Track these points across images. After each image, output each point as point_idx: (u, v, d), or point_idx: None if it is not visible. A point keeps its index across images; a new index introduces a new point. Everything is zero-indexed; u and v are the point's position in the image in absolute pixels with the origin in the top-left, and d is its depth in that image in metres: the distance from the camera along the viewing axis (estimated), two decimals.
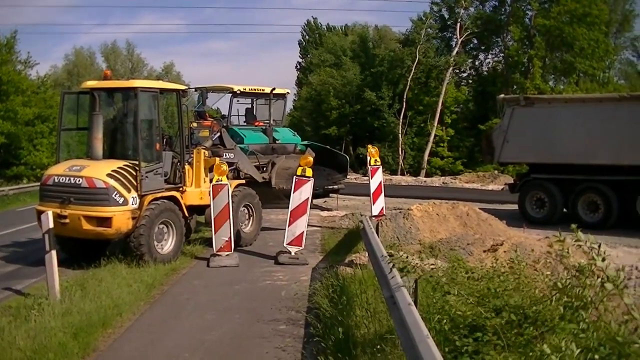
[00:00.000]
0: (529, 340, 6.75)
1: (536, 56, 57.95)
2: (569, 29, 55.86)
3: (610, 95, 27.81)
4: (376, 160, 20.41)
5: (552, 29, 56.76)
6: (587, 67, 58.31)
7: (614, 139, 21.55)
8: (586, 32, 56.05)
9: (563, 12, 55.95)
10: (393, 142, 61.15)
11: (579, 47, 56.72)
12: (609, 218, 21.91)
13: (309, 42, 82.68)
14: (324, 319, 10.59)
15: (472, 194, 32.46)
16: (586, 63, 57.90)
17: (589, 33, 56.29)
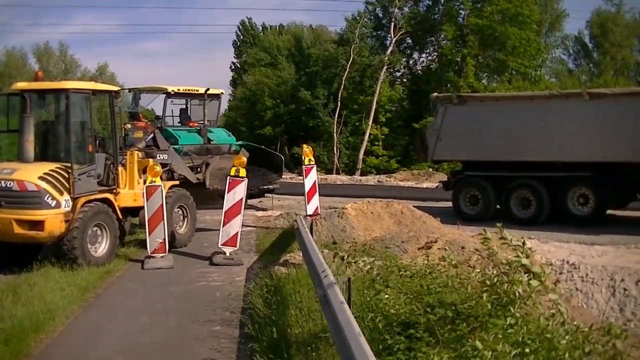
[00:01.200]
0: (462, 336, 6.84)
1: (469, 55, 58.59)
2: (501, 28, 56.65)
3: (541, 93, 28.22)
4: (310, 160, 20.48)
5: (485, 28, 57.45)
6: (519, 65, 59.26)
7: (545, 136, 21.89)
8: (518, 32, 56.89)
9: (495, 12, 56.70)
10: (328, 142, 61.25)
11: (511, 46, 57.55)
12: (541, 214, 22.25)
13: (243, 42, 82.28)
14: (258, 319, 10.60)
15: (407, 192, 32.64)
16: (518, 62, 58.84)
17: (520, 32, 57.15)
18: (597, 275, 16.18)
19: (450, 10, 61.17)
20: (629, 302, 15.37)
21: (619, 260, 17.13)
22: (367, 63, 61.07)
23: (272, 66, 67.30)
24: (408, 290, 8.26)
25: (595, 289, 15.96)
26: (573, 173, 21.75)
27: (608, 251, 18.38)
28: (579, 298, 15.80)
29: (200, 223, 20.68)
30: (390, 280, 8.67)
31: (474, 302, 7.36)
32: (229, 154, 22.46)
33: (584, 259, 17.30)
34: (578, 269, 16.51)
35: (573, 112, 21.65)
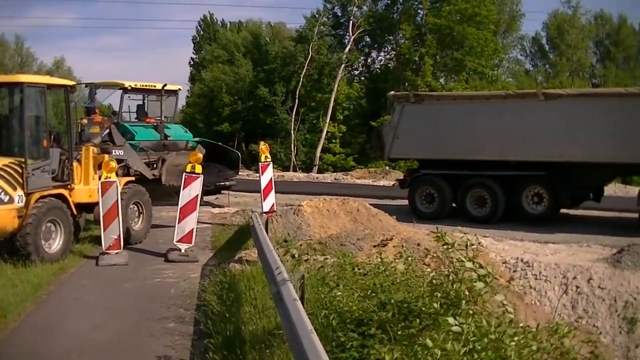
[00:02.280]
0: (414, 333, 6.89)
1: (427, 54, 59.00)
2: (459, 28, 57.17)
3: (497, 92, 28.50)
4: (267, 157, 20.46)
5: (443, 28, 57.92)
6: (477, 65, 59.85)
7: (500, 136, 22.06)
8: (475, 32, 57.45)
9: (453, 12, 57.19)
10: (285, 139, 61.25)
11: (468, 45, 58.10)
12: (496, 212, 22.40)
13: (203, 38, 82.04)
14: (212, 316, 10.59)
15: (364, 189, 32.75)
16: (475, 61, 59.43)
17: (478, 32, 57.71)
18: (550, 273, 16.38)
19: (408, 9, 61.47)
20: (580, 300, 15.58)
21: (571, 259, 17.35)
22: (326, 61, 61.09)
23: (230, 63, 67.12)
24: (361, 287, 8.30)
25: (548, 286, 16.16)
26: (528, 172, 21.96)
27: (561, 249, 18.60)
28: (533, 295, 15.98)
29: (156, 219, 20.59)
30: (344, 278, 8.71)
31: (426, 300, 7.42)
32: (186, 150, 22.40)
33: (538, 257, 17.50)
34: (532, 267, 16.70)
35: (528, 112, 21.85)
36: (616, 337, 14.57)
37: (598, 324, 15.00)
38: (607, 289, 15.65)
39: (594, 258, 17.09)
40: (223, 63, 67.47)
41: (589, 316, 15.22)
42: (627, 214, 22.67)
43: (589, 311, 15.33)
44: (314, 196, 21.76)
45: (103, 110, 24.00)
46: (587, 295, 15.64)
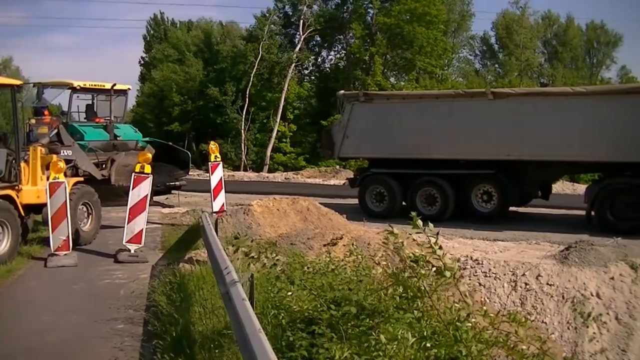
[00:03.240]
0: (366, 331, 6.91)
1: (377, 53, 59.27)
2: (409, 27, 57.53)
3: (446, 91, 28.70)
4: (216, 157, 20.41)
5: (393, 27, 58.26)
6: (426, 64, 60.36)
7: (450, 134, 22.23)
8: (425, 31, 57.87)
9: (403, 11, 57.58)
10: (236, 138, 61.15)
11: (418, 45, 58.50)
12: (446, 211, 22.57)
13: (153, 37, 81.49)
14: (162, 317, 10.52)
15: (314, 189, 32.79)
16: (425, 61, 59.87)
17: (427, 32, 58.11)
18: (499, 271, 16.50)
19: (358, 9, 61.72)
20: (529, 296, 15.73)
21: (520, 256, 17.52)
22: (276, 60, 61.04)
23: (180, 62, 66.82)
24: (311, 286, 8.31)
25: (497, 283, 16.28)
26: (477, 171, 22.16)
27: (510, 247, 18.79)
28: (482, 293, 16.08)
29: (106, 220, 20.40)
30: (294, 277, 8.71)
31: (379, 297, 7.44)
32: (136, 150, 22.20)
33: (487, 254, 17.64)
34: (481, 265, 16.81)
35: (477, 111, 22.06)
36: (564, 332, 14.72)
37: (546, 320, 15.15)
38: (555, 286, 15.82)
39: (542, 255, 17.28)
40: (173, 62, 67.18)
41: (538, 312, 15.37)
42: (575, 212, 22.98)
43: (537, 307, 15.48)
44: (265, 195, 21.71)
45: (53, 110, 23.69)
46: (535, 291, 15.79)
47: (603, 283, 15.94)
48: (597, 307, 15.44)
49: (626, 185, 20.23)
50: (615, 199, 20.27)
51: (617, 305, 15.49)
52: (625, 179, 20.35)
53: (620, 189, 20.31)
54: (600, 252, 16.76)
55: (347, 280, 8.33)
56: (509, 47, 79.86)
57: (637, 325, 14.81)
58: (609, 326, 15.17)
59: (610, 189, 20.45)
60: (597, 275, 16.05)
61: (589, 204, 20.79)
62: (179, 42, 70.67)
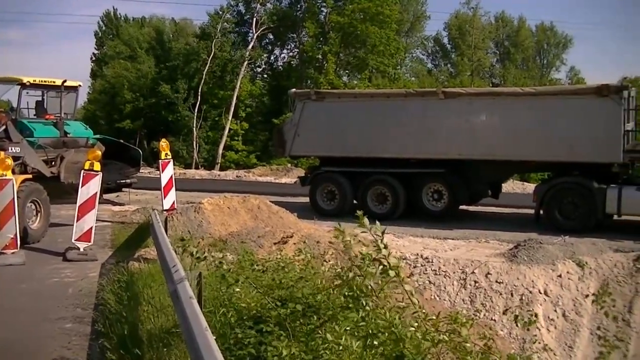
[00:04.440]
0: (313, 329, 6.92)
1: (330, 52, 59.25)
2: (362, 26, 57.57)
3: (398, 91, 28.86)
4: (167, 154, 20.34)
5: (346, 26, 58.26)
6: (379, 63, 60.45)
7: (401, 133, 22.33)
8: (378, 30, 58.01)
9: (357, 10, 57.57)
10: (188, 136, 60.83)
11: (371, 44, 58.64)
12: (397, 209, 22.68)
13: (105, 33, 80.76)
14: (110, 316, 10.45)
15: (266, 187, 32.76)
16: (378, 60, 60.02)
17: (380, 31, 58.25)
18: (449, 269, 16.69)
19: (312, 7, 61.68)
20: (479, 294, 15.93)
21: (470, 254, 17.75)
22: (228, 58, 60.86)
23: (132, 59, 66.34)
24: (260, 284, 8.30)
25: (447, 281, 16.45)
26: (428, 170, 22.27)
27: (460, 245, 19.00)
28: (432, 291, 16.23)
29: (55, 218, 20.18)
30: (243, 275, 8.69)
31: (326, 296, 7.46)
32: (86, 147, 21.99)
33: (437, 252, 17.83)
34: (431, 263, 16.97)
35: (428, 111, 22.22)
36: (512, 329, 14.91)
37: (495, 317, 15.34)
38: (504, 283, 16.03)
39: (491, 253, 17.52)
40: (125, 59, 66.60)
41: (487, 310, 15.57)
42: (524, 210, 23.25)
43: (486, 305, 15.67)
44: (216, 194, 21.71)
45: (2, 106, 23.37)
46: (485, 289, 15.99)
47: (551, 281, 16.20)
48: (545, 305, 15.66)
49: (574, 184, 20.53)
50: (564, 198, 20.58)
51: (564, 303, 15.75)
52: (573, 178, 20.64)
53: (568, 188, 20.62)
54: (548, 250, 17.02)
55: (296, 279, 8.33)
56: (461, 47, 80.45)
57: (583, 322, 15.05)
58: (557, 323, 15.41)
59: (559, 188, 20.75)
60: (545, 273, 16.31)
61: (537, 202, 21.07)
62: (131, 38, 70.03)
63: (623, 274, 16.46)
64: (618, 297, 15.70)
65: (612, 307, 14.55)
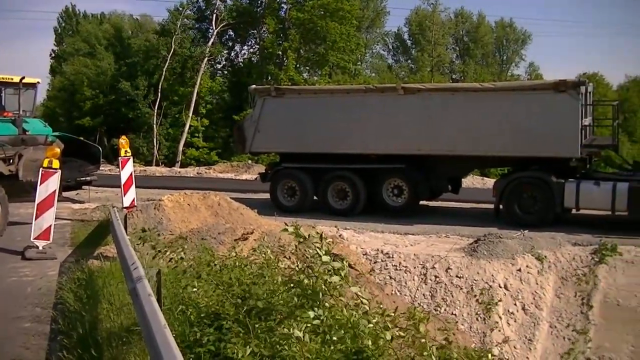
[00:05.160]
0: (272, 326, 6.94)
1: (290, 48, 59.36)
2: (322, 22, 57.75)
3: (358, 86, 28.85)
4: (127, 151, 20.22)
5: (306, 22, 58.40)
6: (339, 59, 60.57)
7: (361, 129, 22.39)
8: (338, 26, 58.17)
9: (317, 6, 57.74)
10: (148, 133, 60.57)
11: (331, 40, 58.72)
12: (357, 205, 22.72)
13: (64, 29, 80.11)
14: (69, 315, 10.37)
15: (226, 183, 32.62)
16: (338, 56, 60.14)
17: (341, 27, 58.38)
18: (409, 264, 16.77)
19: (272, 3, 61.79)
20: (439, 289, 16.02)
21: (430, 249, 17.83)
22: (189, 54, 60.69)
23: (91, 56, 65.87)
24: (219, 281, 8.30)
25: (408, 276, 16.53)
26: (388, 165, 22.36)
27: (420, 240, 19.10)
28: (393, 286, 16.31)
29: (14, 216, 19.96)
30: (202, 272, 8.68)
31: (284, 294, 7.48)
32: (45, 145, 21.79)
33: (398, 248, 17.91)
34: (392, 258, 17.06)
35: (388, 106, 22.28)
36: (473, 323, 15.02)
37: (456, 311, 15.45)
38: (464, 278, 16.15)
39: (452, 248, 17.61)
40: (84, 56, 66.14)
41: (447, 304, 15.67)
42: (484, 205, 23.39)
43: (447, 300, 15.78)
44: (176, 191, 21.59)
45: None
46: (445, 284, 16.09)
47: (510, 275, 16.33)
48: (505, 299, 15.79)
49: (533, 179, 20.71)
50: (523, 192, 20.76)
51: (524, 296, 15.89)
52: (532, 173, 20.83)
53: (527, 182, 20.80)
54: (508, 245, 17.15)
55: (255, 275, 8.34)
56: (421, 43, 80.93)
57: (542, 316, 15.19)
58: (516, 316, 15.53)
59: (518, 183, 20.93)
60: (505, 267, 16.44)
61: (497, 197, 21.23)
62: (90, 35, 69.55)
63: (581, 267, 16.65)
64: (577, 290, 15.90)
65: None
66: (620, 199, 19.55)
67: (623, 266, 16.53)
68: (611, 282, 16.13)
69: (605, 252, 16.84)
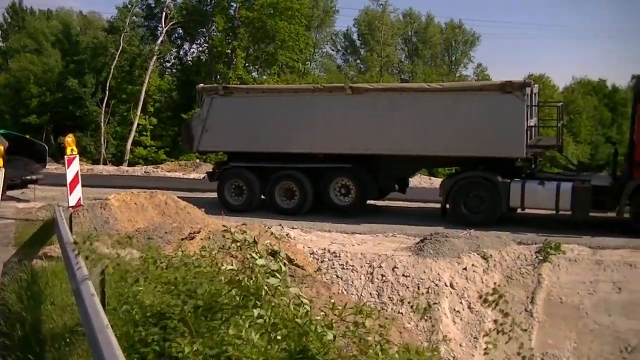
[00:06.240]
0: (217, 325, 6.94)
1: (239, 47, 59.26)
2: (271, 21, 57.74)
3: (305, 86, 28.82)
4: (73, 150, 20.01)
5: (256, 21, 58.33)
6: (288, 59, 60.61)
7: (308, 129, 22.35)
8: (287, 25, 58.18)
9: (266, 5, 57.70)
10: (95, 131, 59.99)
11: (280, 39, 58.74)
12: (304, 204, 22.69)
13: (10, 25, 79.14)
14: (11, 315, 10.26)
15: (174, 182, 32.45)
16: (287, 55, 60.16)
17: (290, 26, 58.41)
18: (356, 263, 16.85)
19: (221, 2, 61.51)
20: (386, 288, 16.11)
21: (377, 248, 17.92)
22: (137, 52, 60.30)
23: (38, 53, 65.17)
24: (164, 281, 8.27)
25: (354, 275, 16.60)
26: (335, 164, 22.38)
27: (367, 239, 19.17)
28: (340, 285, 16.37)
29: None
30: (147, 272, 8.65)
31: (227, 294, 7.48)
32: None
33: (345, 247, 17.97)
34: (339, 257, 17.11)
35: (336, 106, 22.25)
36: (419, 322, 15.12)
37: (402, 310, 15.53)
38: (410, 277, 16.26)
39: (398, 247, 17.68)
40: (31, 52, 65.42)
41: (394, 303, 15.77)
42: (431, 204, 23.50)
43: (393, 298, 15.87)
44: (123, 190, 21.45)
45: None
46: (392, 283, 16.19)
47: (456, 273, 16.48)
48: (451, 297, 15.93)
49: (479, 178, 20.90)
50: (469, 192, 20.93)
51: (470, 295, 16.03)
52: (478, 172, 21.02)
53: (474, 182, 20.98)
54: (454, 244, 17.31)
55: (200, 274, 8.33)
56: (370, 43, 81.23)
57: (488, 314, 15.34)
58: (462, 315, 15.69)
59: (464, 183, 21.09)
60: (451, 266, 16.59)
61: (444, 197, 21.38)
62: (37, 31, 68.83)
63: (526, 266, 16.87)
64: (521, 288, 16.11)
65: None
66: (564, 198, 19.82)
67: (566, 264, 16.79)
68: (555, 280, 16.37)
69: (549, 251, 17.10)
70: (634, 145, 19.87)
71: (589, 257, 17.15)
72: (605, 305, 15.55)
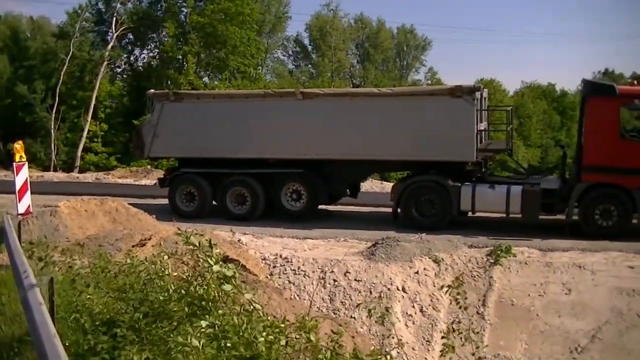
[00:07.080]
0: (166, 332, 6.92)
1: (190, 52, 58.97)
2: (223, 27, 57.58)
3: (256, 91, 28.91)
4: (22, 157, 19.82)
5: (207, 27, 58.14)
6: (239, 64, 60.52)
7: (260, 134, 22.36)
8: (238, 31, 58.12)
9: (217, 10, 57.55)
10: (45, 138, 59.23)
11: (231, 44, 58.62)
12: (256, 210, 22.67)
13: None
14: None
15: (125, 189, 32.22)
16: (238, 60, 60.05)
17: (241, 32, 58.37)
18: (308, 268, 16.90)
19: (172, 7, 61.28)
20: (338, 292, 16.17)
21: (329, 253, 18.00)
22: (88, 58, 59.65)
23: None
24: (114, 288, 8.23)
25: (307, 281, 16.64)
26: (286, 170, 22.39)
27: (319, 244, 19.23)
28: (292, 290, 16.40)
29: None
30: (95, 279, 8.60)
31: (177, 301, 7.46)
32: None
33: (297, 252, 18.03)
34: (291, 262, 17.16)
35: (287, 111, 22.30)
36: (372, 327, 15.19)
37: (355, 315, 15.60)
38: (363, 281, 16.34)
39: (350, 252, 17.76)
40: None
41: (346, 308, 15.83)
42: (382, 209, 23.58)
43: (346, 303, 15.93)
44: (74, 196, 21.27)
45: None
46: (344, 287, 16.25)
47: (408, 277, 16.59)
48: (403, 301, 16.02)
49: (429, 182, 21.06)
50: (420, 196, 21.06)
51: (422, 299, 16.16)
52: (429, 176, 21.18)
53: (425, 186, 21.13)
54: (406, 248, 17.43)
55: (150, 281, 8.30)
56: (322, 48, 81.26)
57: (440, 317, 15.46)
58: (414, 319, 15.79)
59: (415, 187, 21.23)
60: (403, 270, 16.69)
61: (395, 201, 21.49)
62: None
63: (477, 269, 17.04)
64: (473, 291, 16.24)
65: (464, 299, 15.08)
66: (514, 201, 20.05)
67: (517, 267, 17.00)
68: (505, 282, 16.56)
69: (500, 254, 17.31)
70: (582, 148, 20.19)
71: (539, 260, 17.39)
72: (555, 307, 15.77)
